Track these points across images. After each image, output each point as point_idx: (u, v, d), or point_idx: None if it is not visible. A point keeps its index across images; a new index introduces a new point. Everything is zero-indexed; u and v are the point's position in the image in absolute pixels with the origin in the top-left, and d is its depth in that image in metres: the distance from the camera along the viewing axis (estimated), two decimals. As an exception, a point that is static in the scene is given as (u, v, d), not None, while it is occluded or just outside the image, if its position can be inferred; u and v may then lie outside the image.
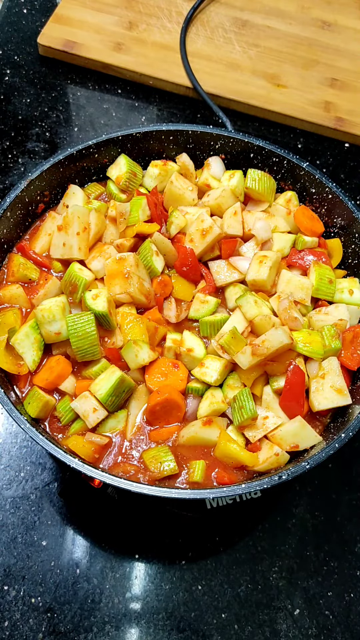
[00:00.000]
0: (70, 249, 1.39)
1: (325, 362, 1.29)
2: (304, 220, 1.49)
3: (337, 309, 1.38)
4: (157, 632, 1.30)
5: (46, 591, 1.32)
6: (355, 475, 1.50)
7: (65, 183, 1.54)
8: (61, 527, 1.39)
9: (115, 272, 1.33)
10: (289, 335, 1.24)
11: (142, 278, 1.36)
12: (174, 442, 1.28)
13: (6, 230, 1.43)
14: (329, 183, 1.50)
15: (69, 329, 1.24)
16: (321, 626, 1.34)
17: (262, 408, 1.27)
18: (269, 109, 2.00)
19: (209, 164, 1.59)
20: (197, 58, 2.06)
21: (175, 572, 1.36)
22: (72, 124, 1.98)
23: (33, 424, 1.17)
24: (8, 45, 2.14)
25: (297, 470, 1.13)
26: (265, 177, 1.52)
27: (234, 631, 1.31)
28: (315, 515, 1.45)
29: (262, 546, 1.40)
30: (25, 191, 1.44)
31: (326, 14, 2.26)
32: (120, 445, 1.26)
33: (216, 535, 1.40)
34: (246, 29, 2.17)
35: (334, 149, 2.02)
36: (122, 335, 1.30)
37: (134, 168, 1.56)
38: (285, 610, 1.34)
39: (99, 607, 1.32)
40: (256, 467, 1.22)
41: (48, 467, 1.45)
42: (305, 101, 2.02)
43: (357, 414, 1.22)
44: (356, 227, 1.46)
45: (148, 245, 1.39)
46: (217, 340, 1.31)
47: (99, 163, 1.59)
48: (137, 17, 2.14)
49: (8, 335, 1.29)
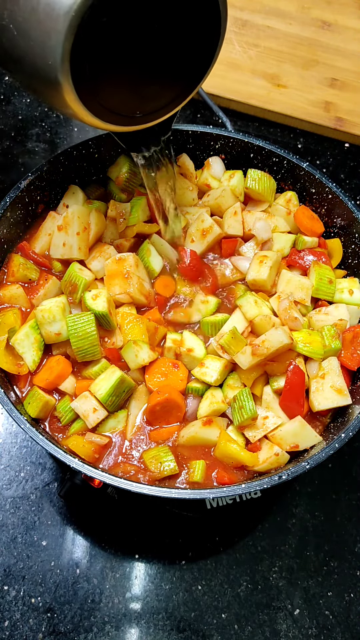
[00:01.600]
0: (70, 249, 1.39)
1: (325, 362, 1.29)
2: (304, 220, 1.49)
3: (337, 309, 1.38)
4: (157, 632, 1.30)
5: (46, 591, 1.32)
6: (355, 475, 1.50)
7: (65, 183, 1.54)
8: (61, 527, 1.39)
9: (115, 273, 1.33)
10: (289, 335, 1.24)
11: (142, 278, 1.36)
12: (174, 442, 1.28)
13: (6, 230, 1.42)
14: (329, 183, 1.50)
15: (69, 329, 1.24)
16: (321, 626, 1.34)
17: (262, 408, 1.27)
18: (269, 109, 2.00)
19: (209, 164, 1.59)
20: (197, 58, 2.06)
21: (175, 572, 1.36)
22: (72, 124, 1.98)
23: (33, 424, 1.17)
24: (8, 45, 2.14)
25: (297, 470, 1.13)
26: (265, 177, 1.52)
27: (234, 631, 1.31)
28: (315, 515, 1.45)
29: (262, 546, 1.40)
30: (25, 191, 1.44)
31: (326, 14, 2.26)
32: (120, 445, 1.26)
33: (216, 535, 1.40)
34: (246, 29, 2.17)
35: (334, 149, 2.02)
36: (122, 335, 1.31)
37: (134, 168, 1.56)
38: (285, 610, 1.34)
39: (99, 607, 1.32)
40: (256, 467, 1.22)
41: (48, 467, 1.45)
42: (305, 101, 2.02)
43: (357, 414, 1.22)
44: (356, 227, 1.46)
45: (146, 245, 1.39)
46: (217, 340, 1.31)
47: (99, 163, 1.59)
48: (137, 17, 2.14)
49: (8, 335, 1.29)
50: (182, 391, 1.30)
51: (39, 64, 0.89)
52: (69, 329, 1.24)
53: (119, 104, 1.03)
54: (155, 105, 1.11)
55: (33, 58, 0.89)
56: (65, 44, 0.86)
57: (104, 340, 1.31)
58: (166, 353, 1.34)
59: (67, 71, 0.89)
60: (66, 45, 0.86)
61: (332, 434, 1.23)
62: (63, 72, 0.88)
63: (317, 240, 1.49)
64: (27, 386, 1.30)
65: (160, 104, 1.11)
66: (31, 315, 1.32)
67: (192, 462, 1.24)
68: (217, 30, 1.05)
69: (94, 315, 1.26)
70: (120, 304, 1.35)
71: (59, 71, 0.88)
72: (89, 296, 1.29)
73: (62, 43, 0.85)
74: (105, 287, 1.35)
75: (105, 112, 1.02)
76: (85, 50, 0.89)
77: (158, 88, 1.09)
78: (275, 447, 1.21)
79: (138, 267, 1.36)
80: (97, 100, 0.98)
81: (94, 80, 0.95)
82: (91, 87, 0.95)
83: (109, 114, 1.02)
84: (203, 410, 1.28)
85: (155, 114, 1.12)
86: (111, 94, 1.00)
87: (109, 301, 1.29)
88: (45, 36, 0.85)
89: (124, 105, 1.04)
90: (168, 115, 1.15)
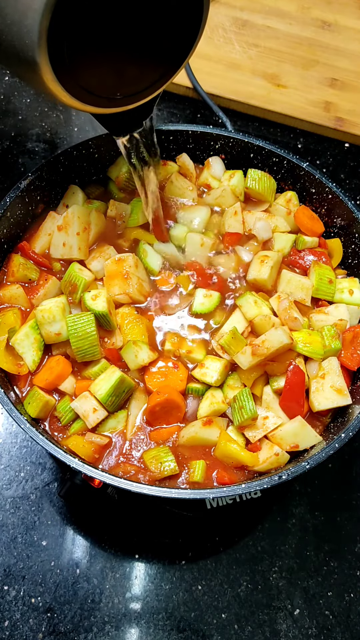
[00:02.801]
0: (70, 249, 1.39)
1: (325, 362, 1.29)
2: (304, 220, 1.49)
3: (337, 309, 1.38)
4: (157, 632, 1.30)
5: (46, 591, 1.32)
6: (355, 475, 1.50)
7: (65, 183, 1.54)
8: (61, 527, 1.39)
9: (114, 273, 1.33)
10: (289, 335, 1.24)
11: (141, 279, 1.36)
12: (174, 443, 1.28)
13: (6, 230, 1.42)
14: (329, 183, 1.50)
15: (69, 329, 1.24)
16: (321, 626, 1.34)
17: (262, 408, 1.27)
18: (269, 109, 2.00)
19: (209, 163, 1.59)
20: (197, 58, 2.06)
21: (175, 572, 1.36)
22: (72, 124, 1.98)
23: (33, 424, 1.17)
24: (8, 45, 2.14)
25: (297, 470, 1.13)
26: (265, 177, 1.53)
27: (234, 631, 1.31)
28: (315, 515, 1.45)
29: (262, 546, 1.40)
30: (25, 191, 1.44)
31: (326, 14, 2.26)
32: (121, 445, 1.26)
33: (216, 535, 1.40)
34: (246, 29, 2.17)
35: (334, 149, 2.02)
36: (122, 335, 1.30)
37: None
38: (285, 610, 1.34)
39: (99, 607, 1.32)
40: (256, 467, 1.22)
41: (48, 467, 1.45)
42: (305, 101, 2.02)
43: (357, 414, 1.22)
44: (356, 227, 1.46)
45: (141, 247, 1.40)
46: (217, 341, 1.31)
47: (99, 163, 1.59)
48: (137, 17, 2.14)
49: (8, 335, 1.29)
50: (182, 391, 1.30)
51: (16, 44, 0.88)
52: (68, 329, 1.24)
53: (98, 85, 1.01)
54: (135, 87, 1.08)
55: (10, 37, 0.88)
56: (42, 22, 0.84)
57: (103, 341, 1.31)
58: (166, 354, 1.34)
59: (44, 51, 0.87)
60: (43, 24, 0.84)
61: (332, 434, 1.23)
62: (40, 51, 0.87)
63: (317, 240, 1.49)
64: (27, 386, 1.30)
65: (140, 87, 1.09)
66: (31, 316, 1.32)
67: (192, 462, 1.24)
68: (200, 12, 1.03)
69: (94, 315, 1.26)
70: (120, 304, 1.35)
71: (36, 51, 0.87)
72: (88, 296, 1.29)
73: (38, 22, 0.84)
74: (105, 287, 1.35)
75: (84, 93, 1.00)
76: (62, 29, 0.87)
77: (138, 70, 1.06)
78: (275, 447, 1.21)
79: (138, 268, 1.36)
80: (76, 80, 0.96)
81: (72, 61, 0.93)
82: (69, 68, 0.93)
83: (87, 95, 1.00)
84: (203, 410, 1.28)
85: (136, 96, 1.10)
86: (90, 75, 0.99)
87: (108, 301, 1.29)
88: (22, 15, 0.84)
89: (103, 87, 1.02)
90: (149, 97, 1.13)
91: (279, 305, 1.32)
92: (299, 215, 1.50)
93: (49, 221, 1.48)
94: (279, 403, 1.27)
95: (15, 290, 1.37)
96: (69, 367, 1.29)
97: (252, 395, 1.24)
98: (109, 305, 1.28)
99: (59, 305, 1.27)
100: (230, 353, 1.27)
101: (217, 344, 1.30)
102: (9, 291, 1.37)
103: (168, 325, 1.39)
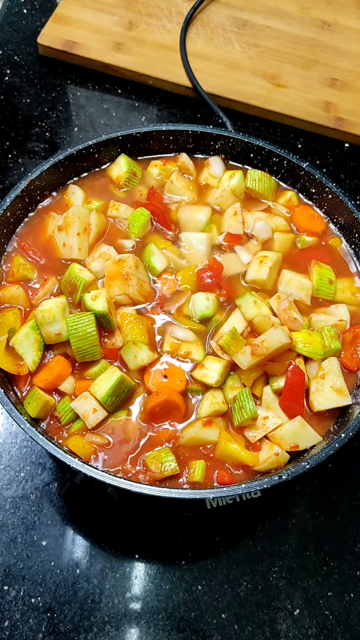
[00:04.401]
0: (70, 250, 1.39)
1: (325, 363, 1.29)
2: (304, 220, 1.49)
3: (337, 309, 1.38)
4: (157, 632, 1.30)
5: (46, 591, 1.33)
6: (355, 475, 1.50)
7: (65, 183, 1.54)
8: (61, 527, 1.39)
9: (114, 274, 1.33)
10: (289, 334, 1.24)
11: (142, 279, 1.36)
12: (174, 443, 1.28)
13: (6, 230, 1.43)
14: (329, 183, 1.50)
15: (69, 329, 1.24)
16: (321, 626, 1.34)
17: (262, 408, 1.27)
18: (269, 109, 2.00)
19: (209, 163, 1.59)
20: (197, 58, 2.06)
21: (175, 572, 1.36)
22: (72, 124, 1.98)
23: (33, 424, 1.17)
24: (8, 45, 2.14)
25: (297, 470, 1.13)
26: (265, 177, 1.53)
27: (234, 631, 1.32)
28: (315, 515, 1.45)
29: (262, 546, 1.40)
30: (25, 191, 1.44)
31: (326, 14, 2.26)
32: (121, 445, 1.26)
33: (216, 535, 1.40)
34: (246, 29, 2.17)
35: (334, 149, 2.01)
36: (121, 335, 1.30)
37: (134, 168, 1.56)
38: (285, 610, 1.35)
39: (99, 607, 1.32)
40: (256, 467, 1.22)
41: (48, 467, 1.45)
42: (305, 101, 2.02)
43: (357, 414, 1.22)
44: (356, 227, 1.46)
45: (149, 247, 1.40)
46: (217, 341, 1.31)
47: (99, 163, 1.59)
48: (137, 17, 2.14)
49: (8, 335, 1.29)
50: (181, 392, 1.30)
51: None
52: (69, 329, 1.24)
53: None
54: None
55: None
56: None
57: (103, 341, 1.31)
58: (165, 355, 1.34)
59: None
60: None
61: (332, 434, 1.24)
62: None
63: (317, 240, 1.49)
64: (27, 386, 1.30)
65: None
66: (31, 316, 1.32)
67: (192, 462, 1.24)
68: None
69: (94, 315, 1.26)
70: (120, 304, 1.35)
71: None
72: (88, 297, 1.29)
73: None
74: (105, 287, 1.35)
75: None
76: None
77: None
78: (276, 447, 1.21)
79: (138, 268, 1.36)
80: None
81: None
82: None
83: None
84: (203, 410, 1.28)
85: None
86: None
87: (108, 301, 1.29)
88: None
89: None
90: None
91: (279, 306, 1.32)
92: (299, 215, 1.50)
93: (49, 221, 1.48)
94: (279, 403, 1.27)
95: (15, 291, 1.37)
96: (68, 367, 1.29)
97: (252, 396, 1.24)
98: (109, 305, 1.28)
99: (59, 306, 1.27)
100: (230, 353, 1.27)
101: (217, 344, 1.30)
102: (9, 291, 1.37)
103: (168, 326, 1.39)
